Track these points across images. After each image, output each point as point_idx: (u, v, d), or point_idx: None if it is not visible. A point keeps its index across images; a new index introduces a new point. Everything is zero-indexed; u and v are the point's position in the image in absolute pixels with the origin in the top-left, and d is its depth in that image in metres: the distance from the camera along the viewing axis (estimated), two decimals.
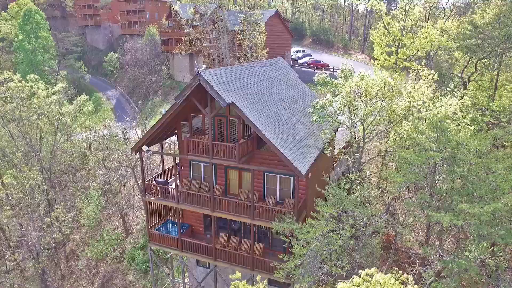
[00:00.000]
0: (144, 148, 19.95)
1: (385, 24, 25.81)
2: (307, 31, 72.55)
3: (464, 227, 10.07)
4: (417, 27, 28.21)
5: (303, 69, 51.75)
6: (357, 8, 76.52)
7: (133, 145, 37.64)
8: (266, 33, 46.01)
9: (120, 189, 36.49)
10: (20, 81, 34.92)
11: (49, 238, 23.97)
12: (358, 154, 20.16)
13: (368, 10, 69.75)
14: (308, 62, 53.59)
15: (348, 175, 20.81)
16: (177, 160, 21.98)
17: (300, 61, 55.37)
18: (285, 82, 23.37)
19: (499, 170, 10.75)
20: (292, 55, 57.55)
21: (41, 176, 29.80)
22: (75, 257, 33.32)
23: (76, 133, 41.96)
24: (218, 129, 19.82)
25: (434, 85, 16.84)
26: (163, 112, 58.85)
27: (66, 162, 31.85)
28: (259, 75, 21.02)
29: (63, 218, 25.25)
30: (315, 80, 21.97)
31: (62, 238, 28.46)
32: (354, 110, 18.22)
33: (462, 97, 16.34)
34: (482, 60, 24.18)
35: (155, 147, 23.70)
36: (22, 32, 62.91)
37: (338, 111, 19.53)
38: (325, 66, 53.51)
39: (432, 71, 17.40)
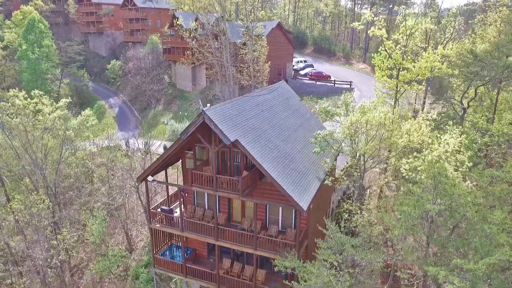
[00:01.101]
0: (149, 178, 20.39)
1: (386, 48, 26.17)
2: (308, 40, 72.86)
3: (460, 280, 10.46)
4: (418, 48, 28.60)
5: (305, 81, 52.11)
6: (359, 17, 76.70)
7: (135, 158, 38.09)
8: (267, 47, 46.41)
9: (123, 204, 36.95)
10: (25, 98, 35.51)
11: (55, 260, 24.46)
12: (358, 184, 20.57)
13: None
14: (310, 73, 53.91)
15: (348, 201, 21.25)
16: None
17: (302, 72, 55.72)
18: (287, 109, 23.77)
19: (494, 221, 11.17)
20: (294, 65, 57.91)
21: (46, 194, 30.36)
22: (79, 272, 33.84)
23: (79, 142, 42.37)
24: (222, 159, 20.24)
25: (433, 124, 17.23)
26: (166, 123, 59.51)
27: (71, 180, 32.31)
28: (262, 105, 21.42)
29: (68, 239, 25.75)
30: (317, 109, 22.32)
31: (68, 258, 28.95)
32: (354, 144, 18.60)
33: (460, 135, 16.72)
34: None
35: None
36: (25, 41, 63.45)
37: (339, 140, 19.93)
38: (327, 78, 53.87)
39: (432, 111, 17.78)
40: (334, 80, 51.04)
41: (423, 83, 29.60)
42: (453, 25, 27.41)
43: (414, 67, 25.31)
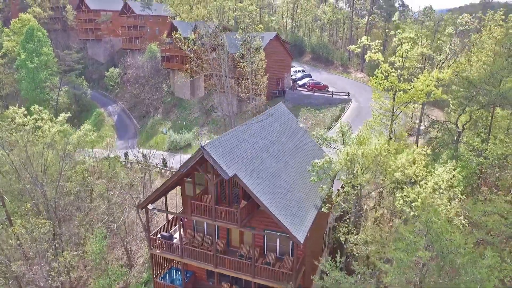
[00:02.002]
0: (150, 206, 20.73)
1: (383, 71, 26.55)
2: (307, 47, 73.18)
3: None
4: (414, 69, 29.02)
5: (303, 92, 52.44)
6: (357, 24, 77.14)
7: (134, 173, 38.32)
8: (266, 60, 46.73)
9: (122, 219, 37.23)
10: (25, 115, 35.79)
11: (57, 282, 24.81)
12: (354, 210, 20.97)
13: (367, 27, 70.45)
14: (308, 84, 54.28)
15: (345, 225, 21.62)
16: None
17: (300, 82, 56.08)
18: (285, 134, 24.13)
19: (484, 266, 11.60)
20: (292, 75, 58.23)
21: (47, 211, 30.68)
22: None
23: (78, 154, 42.53)
24: (221, 187, 20.59)
25: (427, 159, 17.67)
26: (164, 132, 59.75)
27: (71, 198, 32.61)
28: (260, 133, 21.77)
29: (69, 260, 26.08)
30: (314, 136, 22.64)
31: (68, 278, 29.28)
32: (351, 174, 18.98)
33: (454, 169, 17.14)
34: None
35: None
36: (24, 50, 63.57)
37: (336, 169, 20.30)
38: (324, 88, 54.27)
39: (425, 146, 18.20)
40: (332, 92, 51.43)
41: (419, 103, 30.03)
42: (449, 46, 27.81)
43: (410, 89, 25.71)
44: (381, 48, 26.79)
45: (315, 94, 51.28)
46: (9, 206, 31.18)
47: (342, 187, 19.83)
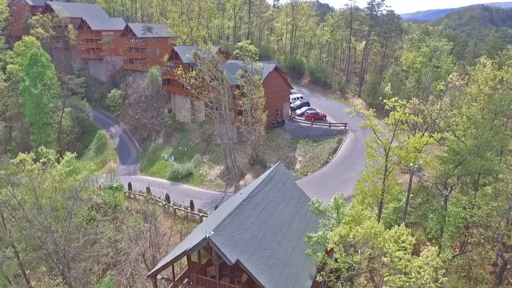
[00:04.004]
0: (159, 276, 22.31)
1: (376, 135, 28.14)
2: (305, 69, 74.65)
3: None
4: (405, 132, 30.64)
5: (302, 123, 53.89)
6: (355, 46, 78.61)
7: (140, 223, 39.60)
8: (265, 96, 48.22)
9: (127, 257, 38.74)
10: (34, 161, 37.24)
11: None
12: (348, 280, 22.56)
13: (365, 53, 71.93)
14: (306, 114, 55.86)
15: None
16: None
17: (298, 112, 57.59)
18: (283, 199, 25.71)
19: None
20: (290, 102, 59.66)
21: (57, 257, 32.22)
22: None
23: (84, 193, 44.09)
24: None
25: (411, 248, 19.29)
26: (166, 158, 61.21)
27: (79, 245, 34.12)
28: (259, 205, 23.36)
29: None
30: (310, 206, 24.11)
31: None
32: (343, 253, 20.57)
33: (439, 253, 18.77)
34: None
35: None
36: (28, 76, 64.83)
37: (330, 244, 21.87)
38: (322, 118, 55.88)
39: (412, 235, 19.78)
40: (330, 123, 52.98)
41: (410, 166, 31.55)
42: (439, 106, 29.36)
43: (400, 154, 27.30)
44: (374, 111, 28.33)
45: (313, 125, 52.82)
46: (21, 252, 32.69)
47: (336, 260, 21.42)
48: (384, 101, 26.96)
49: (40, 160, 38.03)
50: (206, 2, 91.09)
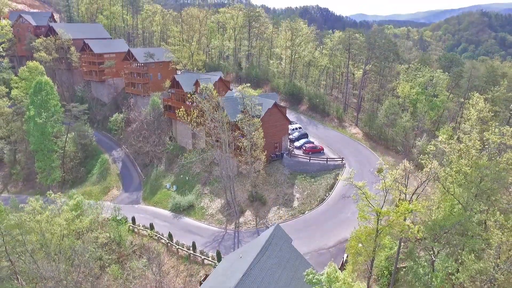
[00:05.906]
0: None
1: (367, 200, 29.90)
2: (304, 95, 76.28)
3: None
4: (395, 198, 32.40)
5: (300, 158, 55.52)
6: (353, 72, 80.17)
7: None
8: (264, 138, 49.84)
9: None
10: (44, 210, 38.99)
11: None
12: None
13: (362, 81, 73.55)
14: (304, 147, 57.55)
15: None
16: None
17: (297, 144, 59.27)
18: (280, 265, 27.43)
19: None
20: (289, 133, 61.28)
21: None
22: None
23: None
24: None
25: None
26: (168, 187, 62.88)
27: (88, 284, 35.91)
28: (257, 277, 25.09)
29: None
30: (305, 277, 25.78)
31: None
32: None
33: None
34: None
35: None
36: (33, 105, 66.36)
37: None
38: (320, 151, 57.59)
39: None
40: (327, 158, 54.66)
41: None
42: (426, 170, 31.03)
43: (390, 221, 29.11)
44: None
45: (311, 161, 54.48)
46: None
47: None
48: (375, 173, 28.66)
49: (49, 207, 39.82)
50: (206, 23, 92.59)
